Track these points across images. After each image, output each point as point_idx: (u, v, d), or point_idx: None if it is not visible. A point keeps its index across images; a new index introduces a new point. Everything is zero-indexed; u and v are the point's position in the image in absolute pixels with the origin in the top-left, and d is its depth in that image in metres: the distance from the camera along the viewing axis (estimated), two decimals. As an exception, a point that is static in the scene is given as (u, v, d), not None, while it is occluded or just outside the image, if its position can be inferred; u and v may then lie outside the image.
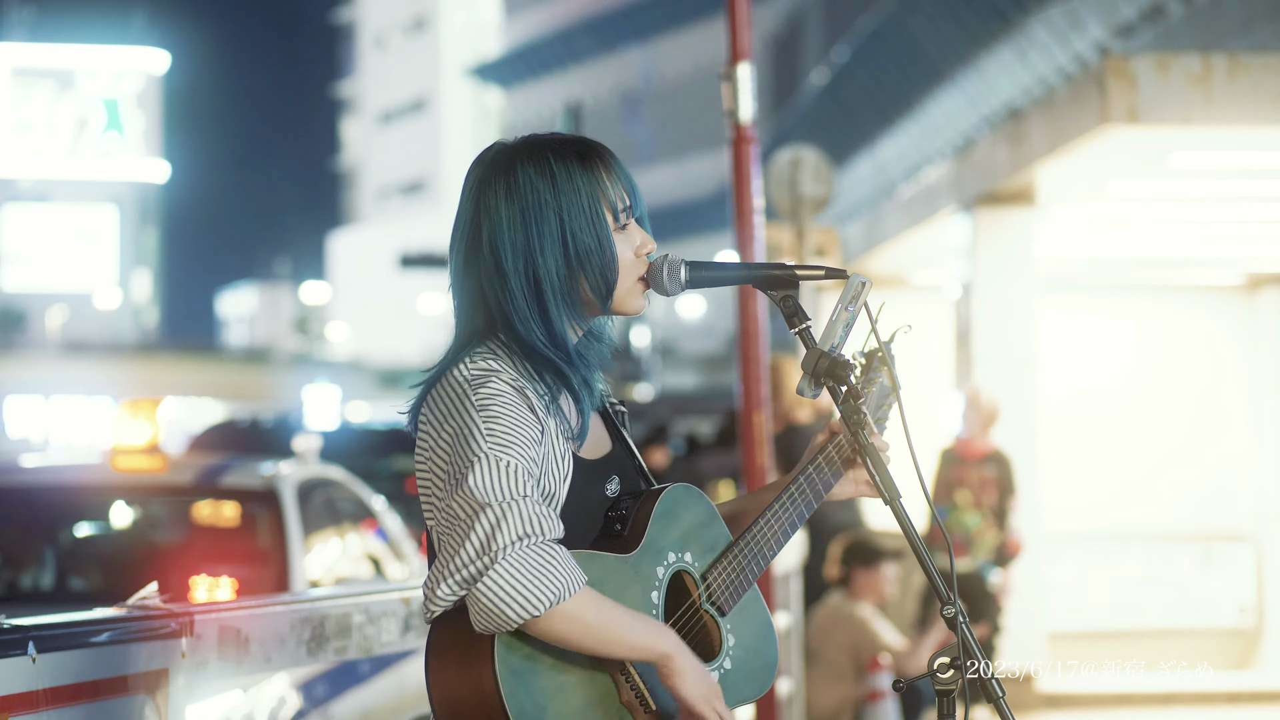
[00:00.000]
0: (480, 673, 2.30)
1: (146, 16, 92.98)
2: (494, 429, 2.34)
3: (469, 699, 2.31)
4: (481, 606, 2.25)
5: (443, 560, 2.31)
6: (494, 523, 2.27)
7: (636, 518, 2.48)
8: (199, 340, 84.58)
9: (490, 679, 2.28)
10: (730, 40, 6.31)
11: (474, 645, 2.31)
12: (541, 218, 2.46)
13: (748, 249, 6.25)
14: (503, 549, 2.26)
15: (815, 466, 2.67)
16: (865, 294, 2.57)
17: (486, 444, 2.32)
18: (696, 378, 52.88)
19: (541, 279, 2.45)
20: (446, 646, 2.35)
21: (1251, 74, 9.00)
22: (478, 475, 2.30)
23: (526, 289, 2.45)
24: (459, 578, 2.28)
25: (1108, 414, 12.63)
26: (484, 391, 2.37)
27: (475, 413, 2.35)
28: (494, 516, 2.27)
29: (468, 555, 2.27)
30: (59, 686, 2.71)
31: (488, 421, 2.34)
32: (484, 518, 2.27)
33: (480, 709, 2.30)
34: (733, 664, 2.53)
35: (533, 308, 2.45)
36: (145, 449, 6.25)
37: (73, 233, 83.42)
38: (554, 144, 2.51)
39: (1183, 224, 11.51)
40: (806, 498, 2.66)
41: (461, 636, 2.32)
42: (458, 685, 2.32)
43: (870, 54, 28.13)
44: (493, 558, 2.26)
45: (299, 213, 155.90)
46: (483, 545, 2.27)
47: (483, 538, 2.27)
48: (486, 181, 2.49)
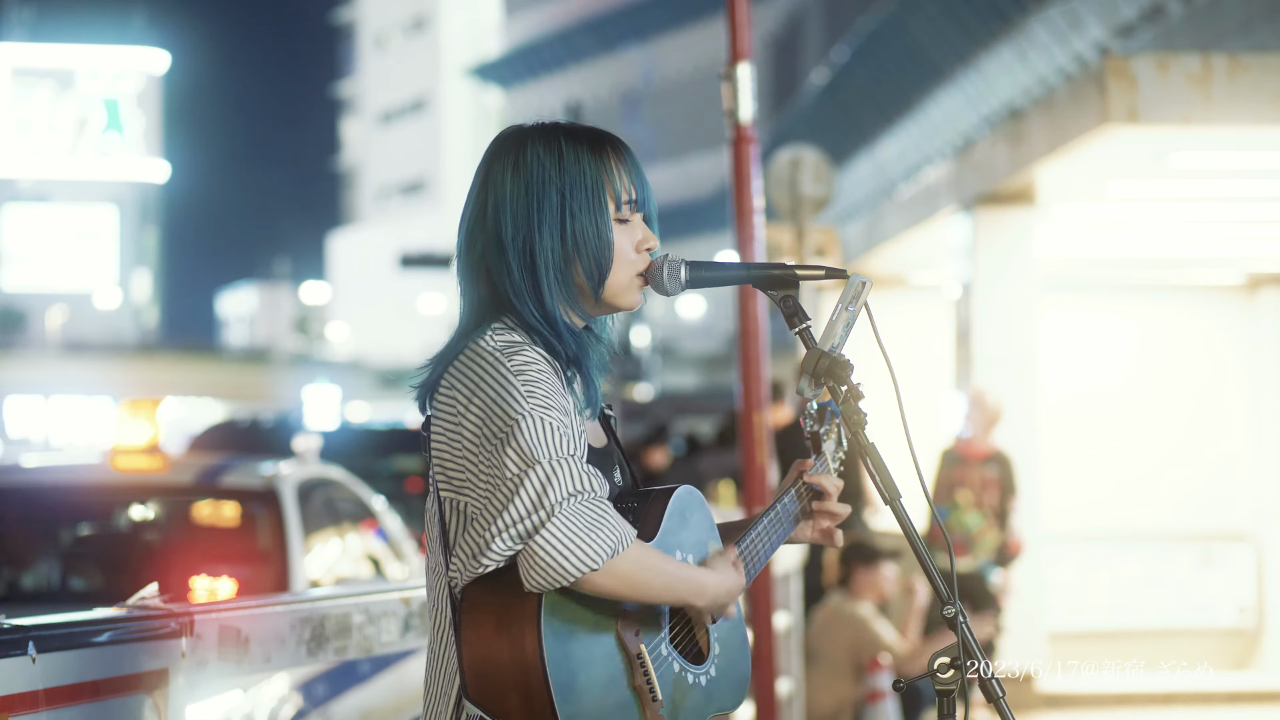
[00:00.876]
0: (524, 631, 2.28)
1: (146, 16, 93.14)
2: (534, 391, 2.34)
3: (505, 660, 2.29)
4: (539, 561, 2.24)
5: (487, 519, 2.29)
6: (545, 479, 2.26)
7: (650, 512, 2.49)
8: (199, 340, 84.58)
9: (534, 640, 2.27)
10: (730, 40, 6.31)
11: (519, 604, 2.29)
12: (543, 194, 2.47)
13: (748, 249, 6.25)
14: (558, 503, 2.25)
15: (790, 496, 2.69)
16: (865, 294, 2.57)
17: (529, 404, 2.32)
18: (696, 378, 52.89)
19: (536, 254, 2.46)
20: (485, 608, 2.33)
21: (1251, 74, 9.00)
22: (524, 432, 2.29)
23: (523, 263, 2.46)
24: (514, 532, 2.26)
25: (1108, 414, 12.64)
26: (518, 360, 2.37)
27: (513, 377, 2.35)
28: (544, 473, 2.27)
29: (520, 510, 2.26)
30: (59, 686, 2.71)
31: (527, 385, 2.34)
32: (534, 474, 2.27)
33: (516, 669, 2.28)
34: (717, 672, 2.55)
35: (526, 281, 2.46)
36: (145, 449, 6.25)
37: (73, 233, 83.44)
38: (568, 128, 2.54)
39: (1183, 224, 11.51)
40: (784, 525, 2.68)
41: (502, 597, 2.31)
42: (495, 646, 2.31)
43: (870, 54, 28.12)
44: (549, 512, 2.25)
45: (299, 213, 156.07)
46: (536, 501, 2.26)
47: (535, 494, 2.26)
48: (497, 157, 2.52)
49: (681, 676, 2.46)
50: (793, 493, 2.69)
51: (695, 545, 2.54)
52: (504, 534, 2.27)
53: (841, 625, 7.94)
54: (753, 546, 2.61)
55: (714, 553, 2.51)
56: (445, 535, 2.41)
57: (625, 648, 2.36)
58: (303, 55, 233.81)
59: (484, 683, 2.32)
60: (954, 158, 12.58)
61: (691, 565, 2.42)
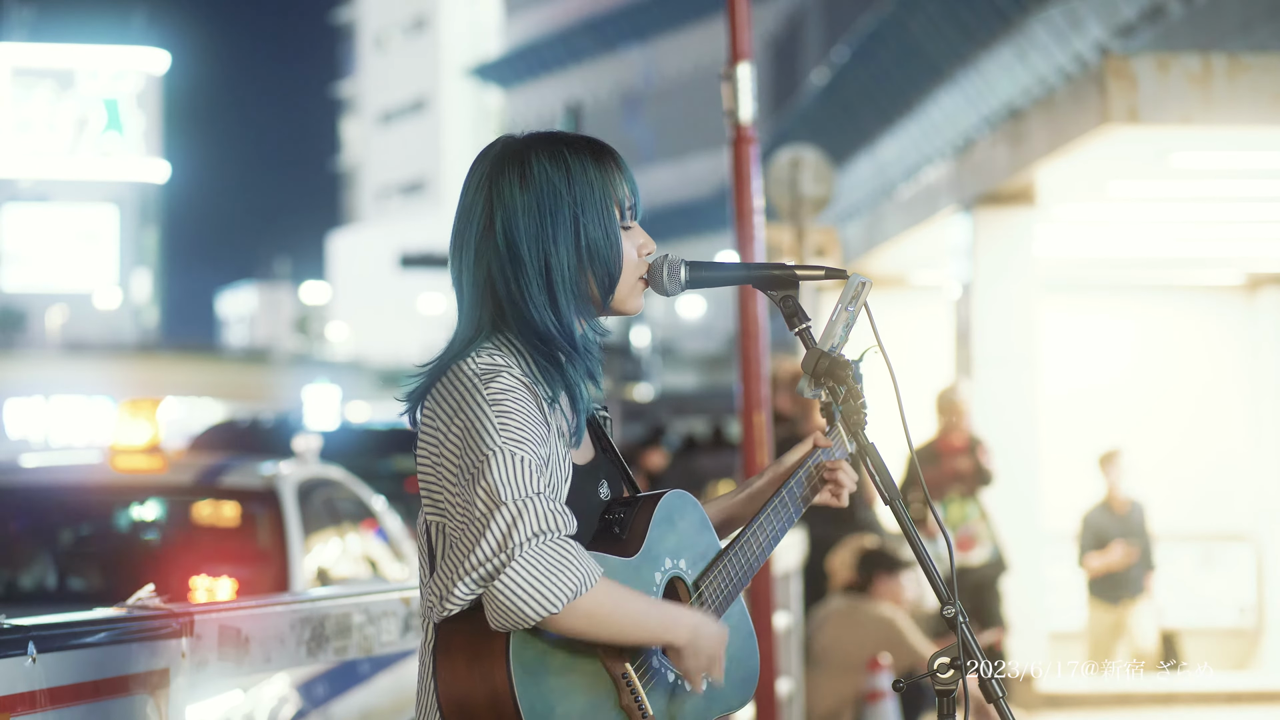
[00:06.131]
0: (493, 669, 2.29)
1: (146, 16, 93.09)
2: (507, 424, 2.33)
3: (480, 696, 2.31)
4: (499, 604, 2.24)
5: (457, 559, 2.31)
6: (510, 520, 2.26)
7: (635, 522, 2.48)
8: (199, 340, 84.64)
9: (504, 676, 2.28)
10: (730, 40, 6.31)
11: (487, 642, 2.30)
12: (556, 208, 2.47)
13: (748, 249, 6.25)
14: (519, 546, 2.25)
15: (797, 480, 2.69)
16: (865, 294, 2.58)
17: (500, 438, 2.32)
18: (696, 378, 52.89)
19: (553, 268, 2.46)
20: (456, 644, 2.34)
21: (1251, 74, 9.00)
22: (493, 471, 2.29)
23: (540, 277, 2.46)
24: (476, 575, 2.27)
25: (1107, 414, 12.63)
26: (495, 386, 2.36)
27: (488, 407, 2.34)
28: (510, 514, 2.27)
29: (484, 553, 2.27)
30: (59, 686, 2.71)
31: (500, 416, 2.34)
32: (500, 515, 2.27)
33: (491, 707, 2.29)
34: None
35: (543, 295, 2.45)
36: (145, 449, 6.25)
37: (73, 233, 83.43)
38: (567, 138, 2.53)
39: (1183, 224, 11.51)
40: (789, 510, 2.67)
41: (473, 634, 2.32)
42: (468, 682, 2.32)
43: (870, 54, 28.11)
44: (510, 554, 2.25)
45: (299, 213, 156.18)
46: (499, 543, 2.26)
47: (499, 536, 2.26)
48: (499, 171, 2.50)
49: (678, 685, 2.46)
50: (801, 477, 2.68)
51: (686, 549, 2.54)
52: (468, 577, 2.28)
53: (864, 625, 7.91)
54: (749, 544, 2.61)
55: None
56: (431, 558, 2.43)
57: (608, 669, 2.36)
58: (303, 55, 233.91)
59: (461, 718, 2.34)
60: (954, 158, 12.58)
61: (665, 603, 2.40)
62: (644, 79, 63.31)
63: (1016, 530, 10.58)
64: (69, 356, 62.24)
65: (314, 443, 10.36)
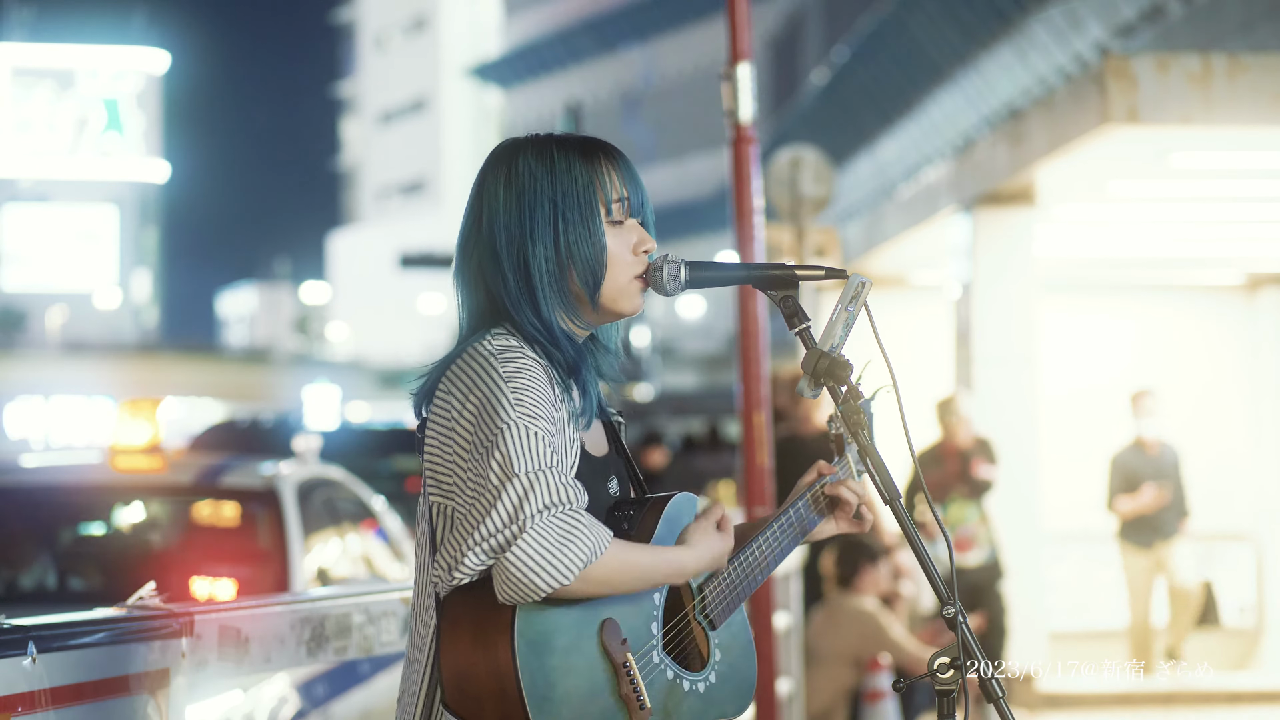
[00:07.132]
0: (497, 643, 2.30)
1: (146, 16, 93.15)
2: (522, 399, 2.34)
3: (482, 671, 2.31)
4: (510, 576, 2.25)
5: (466, 530, 2.31)
6: (522, 492, 2.27)
7: (644, 518, 2.49)
8: (199, 340, 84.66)
9: (507, 651, 2.29)
10: (730, 40, 6.31)
11: (493, 616, 2.31)
12: (536, 203, 2.48)
13: (748, 249, 6.25)
14: (530, 518, 2.26)
15: (805, 503, 2.70)
16: (865, 294, 2.57)
17: (515, 413, 2.33)
18: (696, 378, 52.90)
19: (531, 264, 2.48)
20: (462, 618, 2.35)
21: (1251, 74, 9.00)
22: (507, 443, 2.30)
23: (518, 274, 2.48)
24: (486, 546, 2.28)
25: (1108, 414, 12.62)
26: (512, 365, 2.38)
27: (504, 383, 2.36)
28: (522, 486, 2.28)
29: (495, 524, 2.28)
30: (59, 686, 2.71)
31: (516, 392, 2.35)
32: (512, 487, 2.28)
33: (492, 681, 2.30)
34: (717, 678, 2.55)
35: (522, 292, 2.47)
36: (145, 449, 6.25)
37: (73, 233, 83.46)
38: (560, 138, 2.55)
39: (1183, 224, 11.51)
40: (794, 531, 2.69)
41: (479, 608, 2.33)
42: (472, 656, 2.33)
43: (870, 54, 28.13)
44: (521, 526, 2.26)
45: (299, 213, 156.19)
46: (510, 515, 2.27)
47: (510, 507, 2.27)
48: (490, 170, 2.54)
49: (676, 684, 2.46)
50: (807, 498, 2.70)
51: None
52: (478, 547, 2.29)
53: (846, 621, 7.93)
54: (754, 555, 2.62)
55: (690, 526, 2.52)
56: (432, 539, 2.43)
57: (610, 657, 2.36)
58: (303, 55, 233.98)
59: (462, 693, 2.34)
60: (954, 158, 12.58)
61: (666, 548, 2.43)
62: (644, 79, 63.32)
63: (1016, 530, 10.58)
64: (69, 356, 62.25)
65: (314, 443, 10.35)
